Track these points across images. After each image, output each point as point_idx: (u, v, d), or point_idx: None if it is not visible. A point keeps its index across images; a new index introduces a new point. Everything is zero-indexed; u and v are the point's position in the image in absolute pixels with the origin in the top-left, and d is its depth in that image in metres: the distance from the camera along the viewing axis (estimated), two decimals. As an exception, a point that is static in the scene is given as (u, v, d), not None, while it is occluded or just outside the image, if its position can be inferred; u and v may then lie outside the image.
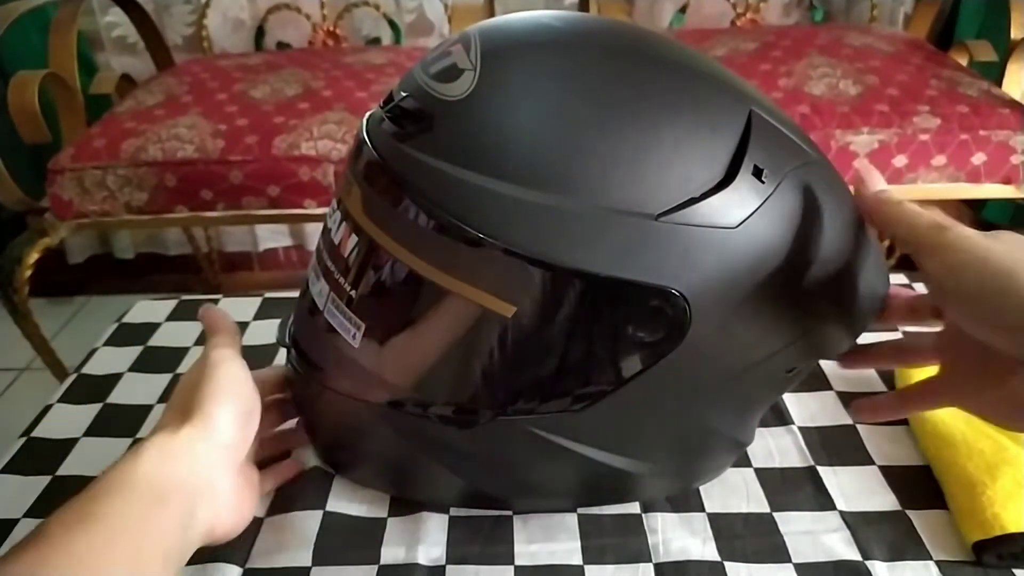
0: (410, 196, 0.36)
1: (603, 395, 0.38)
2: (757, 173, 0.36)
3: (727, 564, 0.44)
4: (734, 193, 0.36)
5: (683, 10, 1.55)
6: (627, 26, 0.42)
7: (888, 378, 0.59)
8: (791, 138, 0.39)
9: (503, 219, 0.35)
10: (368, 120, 0.42)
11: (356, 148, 0.41)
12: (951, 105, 1.10)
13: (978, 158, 1.08)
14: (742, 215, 0.36)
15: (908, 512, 0.47)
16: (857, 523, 0.47)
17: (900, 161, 1.09)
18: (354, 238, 0.40)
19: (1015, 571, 0.43)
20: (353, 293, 0.40)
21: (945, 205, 1.58)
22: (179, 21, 1.60)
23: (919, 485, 0.49)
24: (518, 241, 0.35)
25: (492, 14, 1.51)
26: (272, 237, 1.82)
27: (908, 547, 0.45)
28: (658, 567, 0.44)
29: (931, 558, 0.44)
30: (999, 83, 1.17)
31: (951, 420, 0.51)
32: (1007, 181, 1.10)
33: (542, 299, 0.36)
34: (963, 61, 1.27)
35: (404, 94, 0.39)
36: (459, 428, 0.41)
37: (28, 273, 1.12)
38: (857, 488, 0.49)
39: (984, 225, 1.66)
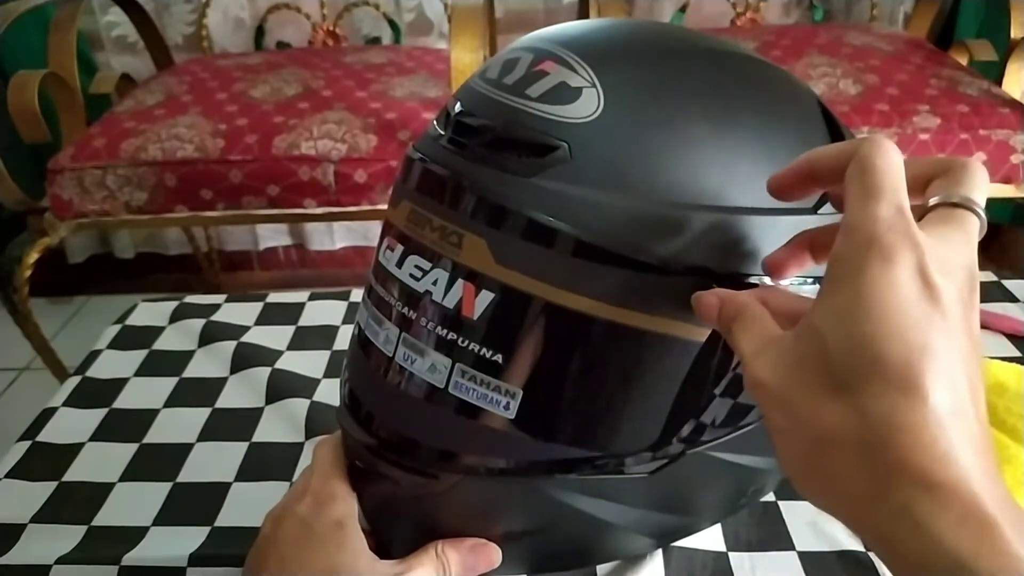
0: (567, 234, 0.32)
1: None
2: None
3: (731, 554, 0.45)
4: None
5: (683, 9, 1.55)
6: (680, 28, 0.42)
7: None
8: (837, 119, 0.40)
9: (680, 240, 0.32)
10: (435, 164, 0.36)
11: (453, 196, 0.35)
12: (951, 104, 1.10)
13: (978, 157, 1.08)
14: None
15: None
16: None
17: (900, 160, 1.08)
18: (488, 295, 0.34)
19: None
20: (499, 358, 0.34)
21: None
22: (179, 21, 1.60)
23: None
24: (697, 260, 0.33)
25: (492, 14, 1.51)
26: (272, 236, 1.82)
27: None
28: (665, 556, 0.44)
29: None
30: (999, 82, 1.17)
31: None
32: (1007, 180, 1.10)
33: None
34: (963, 60, 1.27)
35: (493, 125, 0.35)
36: (650, 472, 0.37)
37: (28, 273, 1.12)
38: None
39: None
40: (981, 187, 0.27)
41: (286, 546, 0.38)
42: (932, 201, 0.27)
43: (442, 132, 0.37)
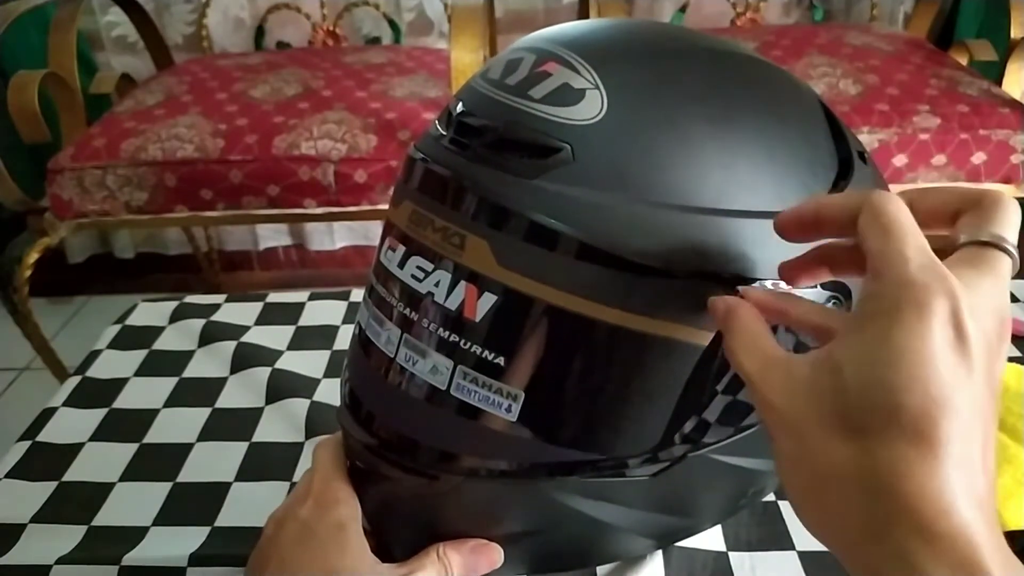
0: (570, 236, 0.32)
1: None
2: (861, 156, 0.38)
3: (731, 554, 0.45)
4: (858, 179, 0.37)
5: (683, 9, 1.55)
6: (677, 27, 0.43)
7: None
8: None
9: (682, 242, 0.32)
10: (437, 164, 0.36)
11: (455, 197, 0.35)
12: (951, 104, 1.10)
13: (978, 157, 1.08)
14: None
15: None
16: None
17: (900, 160, 1.09)
18: (490, 297, 0.34)
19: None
20: (500, 361, 0.34)
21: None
22: (179, 21, 1.60)
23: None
24: (699, 263, 0.32)
25: (492, 14, 1.51)
26: (272, 236, 1.82)
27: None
28: (665, 556, 0.44)
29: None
30: (999, 82, 1.17)
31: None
32: (1007, 180, 1.10)
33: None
34: (963, 60, 1.27)
35: (495, 126, 0.35)
36: (651, 475, 0.37)
37: (28, 273, 1.12)
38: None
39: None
40: (1013, 223, 0.27)
41: (288, 548, 0.38)
42: (962, 239, 0.27)
43: (444, 132, 0.37)
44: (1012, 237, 0.26)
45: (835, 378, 0.25)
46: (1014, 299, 0.68)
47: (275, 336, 0.68)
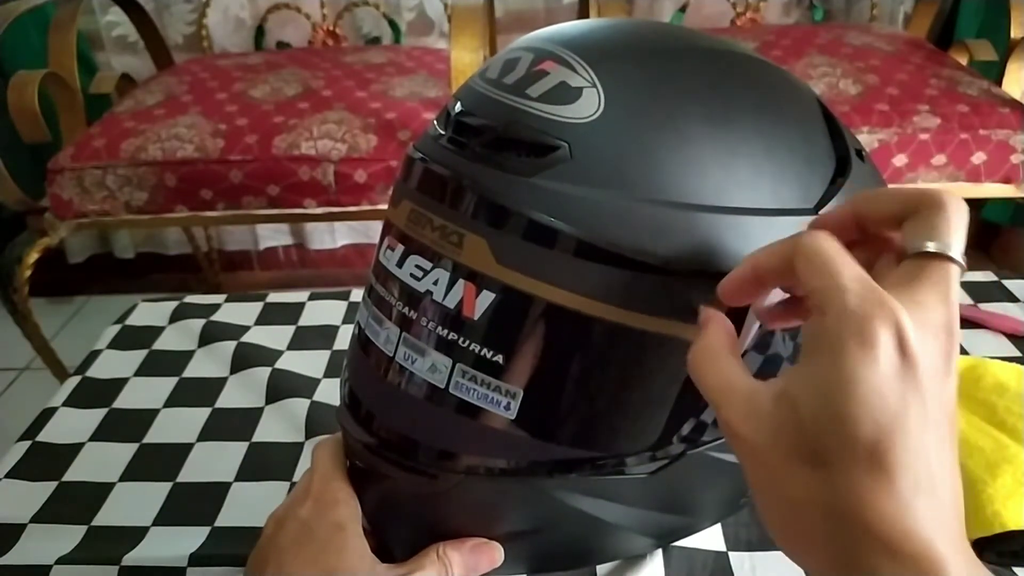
0: (568, 234, 0.32)
1: None
2: (858, 153, 0.38)
3: (731, 554, 0.45)
4: (856, 176, 0.37)
5: (683, 9, 1.55)
6: (680, 27, 0.43)
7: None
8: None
9: (680, 240, 0.32)
10: (436, 164, 0.36)
11: (453, 196, 0.35)
12: (951, 104, 1.10)
13: (978, 157, 1.08)
14: None
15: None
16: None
17: (900, 160, 1.09)
18: (489, 295, 0.34)
19: (1015, 569, 0.43)
20: (499, 359, 0.34)
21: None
22: (179, 20, 1.60)
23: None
24: (697, 261, 0.32)
25: (492, 14, 1.51)
26: (272, 236, 1.82)
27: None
28: (665, 555, 0.44)
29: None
30: (999, 82, 1.17)
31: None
32: (1007, 180, 1.10)
33: (735, 316, 0.33)
34: (963, 60, 1.27)
35: (493, 125, 0.35)
36: (650, 473, 0.37)
37: (28, 273, 1.12)
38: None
39: (985, 225, 1.66)
40: (956, 227, 0.26)
41: (287, 549, 0.38)
42: (908, 250, 0.26)
43: (442, 132, 0.37)
44: (958, 241, 0.26)
45: (792, 413, 0.25)
46: (1014, 299, 0.68)
47: (275, 336, 0.68)
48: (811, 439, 0.25)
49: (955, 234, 0.26)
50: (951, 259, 0.26)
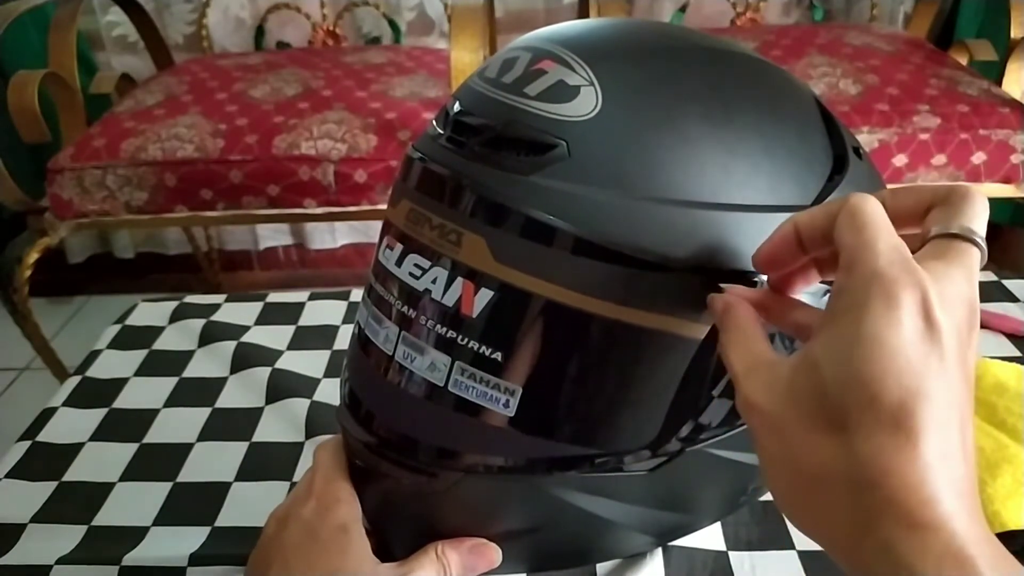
0: (566, 232, 0.32)
1: None
2: (856, 151, 0.38)
3: (731, 553, 0.45)
4: (853, 174, 0.37)
5: (683, 9, 1.55)
6: (680, 27, 0.43)
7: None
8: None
9: (679, 237, 0.33)
10: (435, 163, 0.36)
11: (452, 195, 0.35)
12: (951, 104, 1.10)
13: (978, 157, 1.08)
14: (861, 192, 0.38)
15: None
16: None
17: (900, 160, 1.09)
18: (487, 293, 0.34)
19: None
20: (498, 356, 0.34)
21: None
22: (179, 20, 1.60)
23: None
24: (695, 258, 0.32)
25: (492, 14, 1.51)
26: (272, 236, 1.82)
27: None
28: (665, 555, 0.44)
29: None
30: (999, 82, 1.17)
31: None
32: (1007, 180, 1.10)
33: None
34: (963, 60, 1.27)
35: (492, 124, 0.35)
36: (650, 470, 0.37)
37: (28, 273, 1.12)
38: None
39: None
40: (981, 215, 0.27)
41: (290, 550, 0.38)
42: (932, 232, 0.27)
43: (441, 131, 0.37)
44: (980, 229, 0.27)
45: (812, 375, 0.25)
46: (1014, 299, 0.68)
47: (275, 336, 0.68)
48: (833, 402, 0.24)
49: (979, 221, 0.27)
50: (976, 243, 0.26)
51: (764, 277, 0.33)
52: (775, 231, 0.30)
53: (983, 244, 0.26)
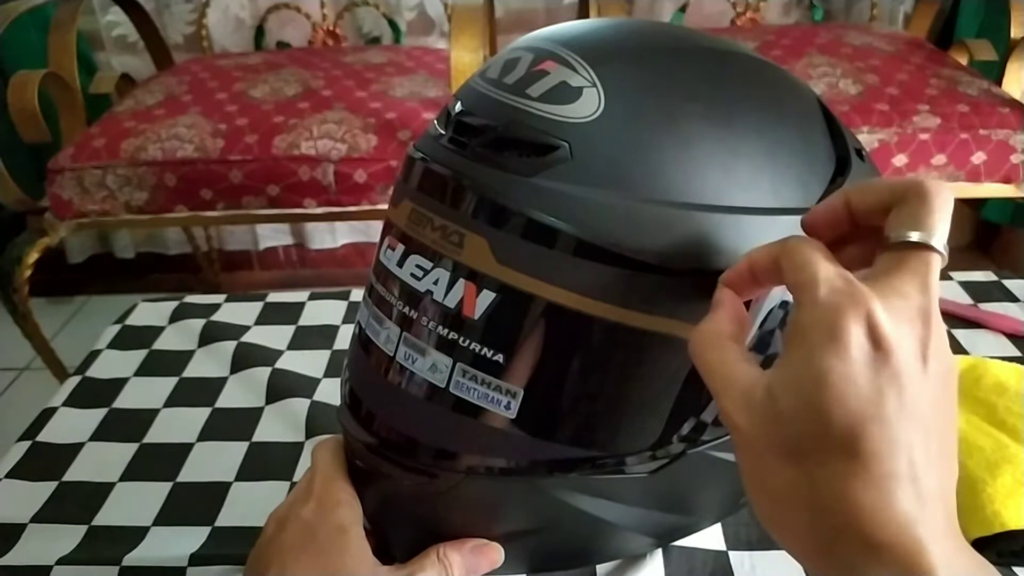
0: (568, 234, 0.32)
1: None
2: (858, 153, 0.38)
3: (731, 553, 0.45)
4: (856, 175, 0.37)
5: (683, 9, 1.55)
6: (680, 27, 0.43)
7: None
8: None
9: (680, 240, 0.33)
10: (436, 164, 0.36)
11: (454, 196, 0.35)
12: (951, 104, 1.10)
13: (978, 157, 1.08)
14: None
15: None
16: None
17: (900, 160, 1.09)
18: (489, 295, 0.34)
19: (1015, 569, 0.43)
20: (499, 358, 0.34)
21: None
22: (179, 20, 1.60)
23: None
24: (697, 260, 0.32)
25: (492, 14, 1.51)
26: (273, 236, 1.82)
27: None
28: (665, 555, 0.44)
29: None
30: (999, 82, 1.17)
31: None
32: (1007, 180, 1.10)
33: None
34: (963, 60, 1.27)
35: (494, 125, 0.35)
36: (651, 472, 0.37)
37: (28, 273, 1.12)
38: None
39: (985, 224, 1.66)
40: (939, 215, 0.26)
41: (289, 551, 0.38)
42: (890, 239, 0.26)
43: (443, 132, 0.37)
44: (940, 230, 0.26)
45: (772, 405, 0.26)
46: (1014, 299, 0.68)
47: (275, 336, 0.68)
48: (789, 432, 0.25)
49: (937, 223, 0.26)
50: (932, 248, 0.26)
51: None
52: (737, 262, 0.30)
53: (942, 249, 0.26)
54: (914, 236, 0.26)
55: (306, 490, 0.40)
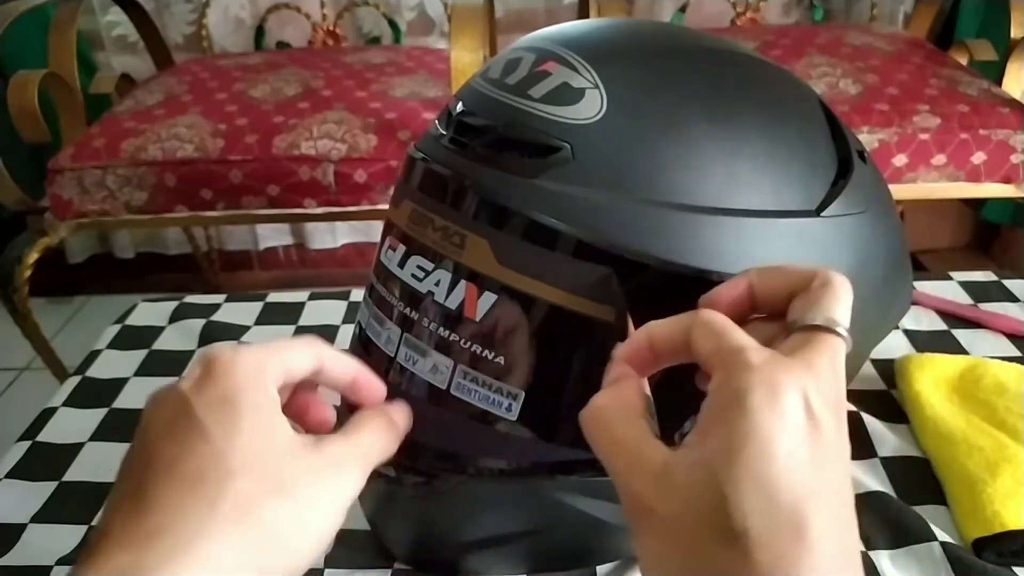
0: (569, 235, 0.32)
1: None
2: (860, 155, 0.38)
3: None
4: (858, 177, 0.37)
5: (683, 9, 1.55)
6: (681, 28, 0.43)
7: (888, 375, 0.59)
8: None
9: (682, 242, 0.33)
10: (437, 164, 0.36)
11: (455, 196, 0.35)
12: (951, 104, 1.10)
13: (978, 157, 1.08)
14: (865, 196, 0.37)
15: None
16: (861, 512, 0.46)
17: (900, 160, 1.09)
18: (490, 296, 0.34)
19: (1015, 569, 0.43)
20: (500, 360, 0.34)
21: (945, 204, 1.58)
22: (179, 20, 1.60)
23: (917, 478, 0.49)
24: (698, 262, 0.32)
25: (492, 14, 1.51)
26: (273, 236, 1.82)
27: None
28: None
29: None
30: (999, 82, 1.17)
31: (951, 418, 0.51)
32: (1007, 180, 1.10)
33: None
34: (963, 60, 1.27)
35: (495, 125, 0.35)
36: None
37: (28, 273, 1.12)
38: (859, 480, 0.49)
39: (985, 224, 1.66)
40: (843, 303, 0.26)
41: (154, 441, 0.27)
42: (797, 323, 0.26)
43: (444, 132, 0.37)
44: (844, 319, 0.26)
45: (709, 480, 0.23)
46: (1014, 299, 0.68)
47: (275, 336, 0.68)
48: (730, 507, 0.23)
49: (842, 309, 0.26)
50: (839, 334, 0.26)
51: None
52: (632, 335, 0.29)
53: (847, 335, 0.26)
54: (821, 321, 0.26)
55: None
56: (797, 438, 0.23)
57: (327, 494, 0.28)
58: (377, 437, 0.31)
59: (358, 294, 0.73)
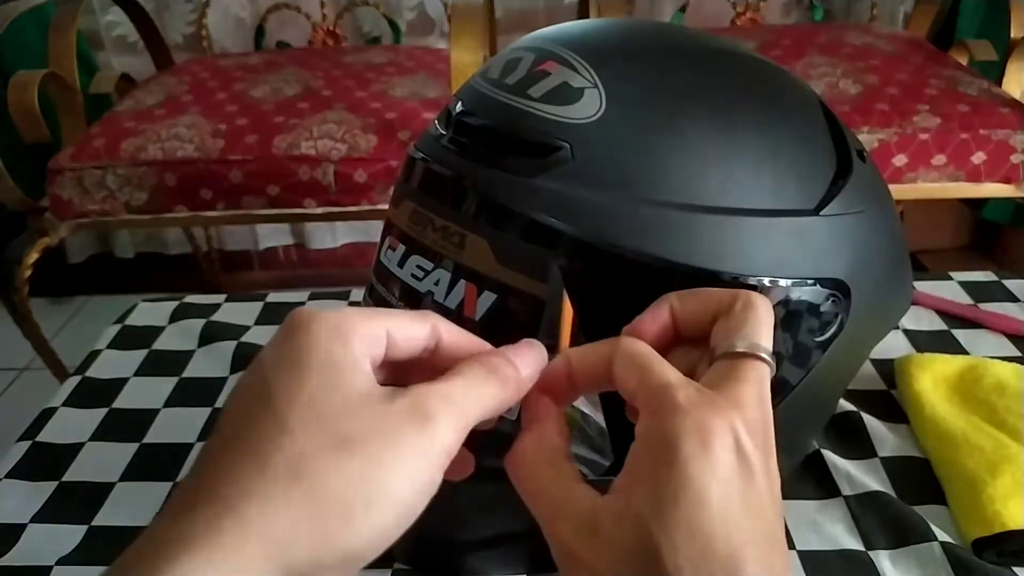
0: (569, 235, 0.32)
1: (791, 389, 0.37)
2: (860, 154, 0.38)
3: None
4: (858, 177, 0.37)
5: (683, 9, 1.55)
6: (681, 28, 0.43)
7: (888, 375, 0.59)
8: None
9: (681, 241, 0.32)
10: (437, 164, 0.36)
11: (455, 196, 0.35)
12: (951, 104, 1.10)
13: (978, 157, 1.08)
14: (864, 196, 0.37)
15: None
16: (861, 512, 0.47)
17: (900, 160, 1.09)
18: (490, 296, 0.34)
19: (1015, 569, 0.43)
20: None
21: (945, 204, 1.58)
22: (179, 20, 1.60)
23: (917, 478, 0.49)
24: (698, 261, 0.32)
25: (492, 14, 1.51)
26: (273, 236, 1.82)
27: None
28: None
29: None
30: (999, 82, 1.17)
31: (951, 418, 0.51)
32: (1007, 180, 1.10)
33: None
34: (963, 60, 1.27)
35: (495, 125, 0.35)
36: None
37: (28, 273, 1.12)
38: (859, 480, 0.49)
39: (985, 224, 1.66)
40: (765, 326, 0.26)
41: (225, 415, 0.24)
42: (719, 350, 0.25)
43: (443, 132, 0.37)
44: (767, 342, 0.25)
45: (640, 529, 0.22)
46: (1014, 299, 0.68)
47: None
48: (663, 561, 0.22)
49: (765, 334, 0.26)
50: (762, 359, 0.25)
51: (766, 280, 0.33)
52: (551, 363, 0.27)
53: (771, 359, 0.25)
54: (744, 347, 0.25)
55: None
56: (730, 484, 0.22)
57: (404, 452, 0.23)
58: (478, 384, 0.26)
59: (358, 294, 0.73)
